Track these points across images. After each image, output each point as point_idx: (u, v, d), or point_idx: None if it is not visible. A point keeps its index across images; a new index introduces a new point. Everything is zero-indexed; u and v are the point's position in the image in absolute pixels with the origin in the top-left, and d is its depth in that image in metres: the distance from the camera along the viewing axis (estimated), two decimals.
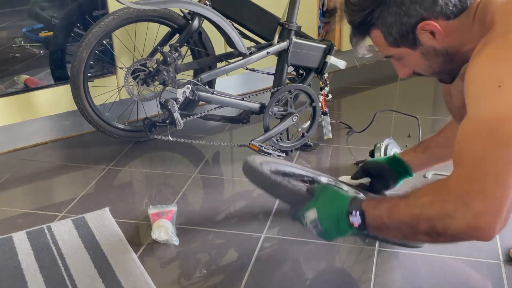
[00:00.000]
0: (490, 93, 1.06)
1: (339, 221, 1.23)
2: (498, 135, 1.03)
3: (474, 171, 1.05)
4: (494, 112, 1.05)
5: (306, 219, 1.28)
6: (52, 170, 2.18)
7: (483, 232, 1.04)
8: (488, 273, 1.51)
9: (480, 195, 1.03)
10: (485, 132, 1.05)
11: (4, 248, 1.65)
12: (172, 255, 1.63)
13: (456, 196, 1.05)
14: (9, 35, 2.34)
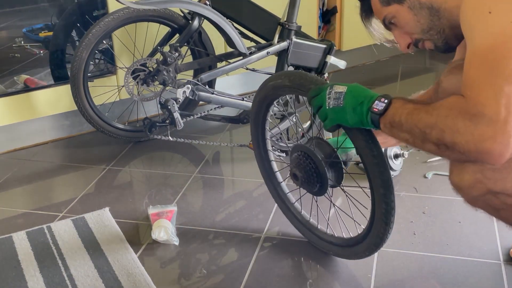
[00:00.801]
0: (481, 20, 1.08)
1: (362, 103, 1.24)
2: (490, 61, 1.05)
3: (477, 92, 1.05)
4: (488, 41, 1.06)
5: (333, 89, 1.29)
6: (52, 170, 2.18)
7: (491, 156, 1.04)
8: (488, 273, 1.51)
9: (484, 118, 1.03)
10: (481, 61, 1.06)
11: (4, 248, 1.65)
12: (172, 255, 1.63)
13: (465, 113, 1.06)
14: (9, 35, 2.34)
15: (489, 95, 1.04)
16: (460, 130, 1.06)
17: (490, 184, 1.13)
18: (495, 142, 1.03)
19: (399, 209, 1.82)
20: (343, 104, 1.27)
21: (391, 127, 1.20)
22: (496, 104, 1.03)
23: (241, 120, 2.27)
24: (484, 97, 1.04)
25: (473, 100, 1.06)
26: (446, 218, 1.76)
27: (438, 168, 2.04)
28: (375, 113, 1.21)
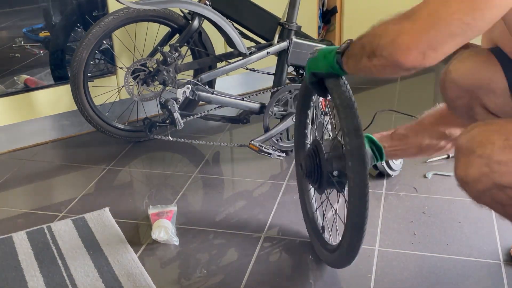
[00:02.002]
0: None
1: (331, 51, 1.31)
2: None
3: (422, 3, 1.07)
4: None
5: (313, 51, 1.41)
6: (52, 170, 2.18)
7: (398, 50, 1.05)
8: (488, 273, 1.51)
9: (413, 16, 1.05)
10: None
11: (4, 248, 1.65)
12: (172, 255, 1.63)
13: (397, 19, 1.09)
14: (9, 35, 2.34)
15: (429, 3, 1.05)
16: (386, 31, 1.09)
17: (496, 178, 1.11)
18: (407, 35, 1.04)
19: (399, 209, 1.82)
20: (317, 54, 1.36)
21: (347, 59, 1.25)
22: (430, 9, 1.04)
23: (241, 120, 2.27)
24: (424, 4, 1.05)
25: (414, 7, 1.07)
26: (446, 218, 1.76)
27: (438, 168, 2.05)
28: (338, 52, 1.27)
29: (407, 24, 1.05)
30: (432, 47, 1.04)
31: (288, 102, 2.18)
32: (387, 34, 1.08)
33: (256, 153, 2.08)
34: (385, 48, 1.08)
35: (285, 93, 2.17)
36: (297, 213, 1.79)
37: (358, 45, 1.20)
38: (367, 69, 1.17)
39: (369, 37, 1.15)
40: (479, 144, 1.13)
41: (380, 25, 1.14)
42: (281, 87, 2.19)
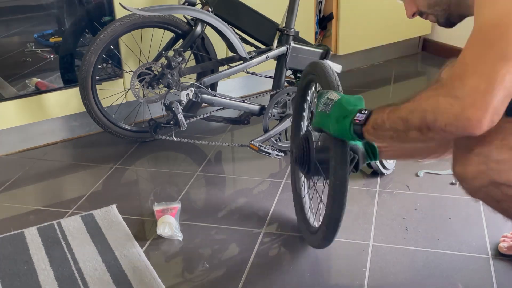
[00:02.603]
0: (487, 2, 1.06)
1: (346, 117, 1.25)
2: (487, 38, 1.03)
3: (465, 70, 1.04)
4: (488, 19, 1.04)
5: (327, 95, 1.32)
6: (62, 169, 2.18)
7: (470, 123, 1.02)
8: (477, 267, 1.51)
9: (466, 88, 1.02)
10: (478, 38, 1.05)
11: (16, 243, 1.65)
12: (176, 249, 1.63)
13: (447, 90, 1.05)
14: (21, 40, 2.34)
15: (476, 66, 1.03)
16: (441, 105, 1.05)
17: (493, 175, 1.12)
18: (474, 108, 1.01)
19: (392, 206, 1.82)
20: (329, 111, 1.29)
21: (374, 130, 1.20)
22: (484, 75, 1.01)
23: (242, 121, 2.27)
24: (470, 68, 1.03)
25: (458, 72, 1.05)
26: (437, 214, 1.76)
27: (429, 167, 2.04)
28: (357, 124, 1.22)
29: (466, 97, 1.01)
30: (497, 112, 1.02)
31: (287, 104, 2.18)
32: (445, 111, 1.04)
33: (256, 152, 2.08)
34: (450, 124, 1.04)
35: (283, 96, 2.17)
36: (295, 210, 1.79)
37: (391, 121, 1.15)
38: (416, 141, 1.13)
39: (413, 112, 1.10)
40: (477, 142, 1.13)
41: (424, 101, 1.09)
42: (280, 89, 2.19)
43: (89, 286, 1.46)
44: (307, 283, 1.48)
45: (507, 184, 1.12)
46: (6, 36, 2.30)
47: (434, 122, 1.06)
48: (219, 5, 2.19)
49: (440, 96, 1.06)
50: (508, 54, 1.01)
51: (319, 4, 2.95)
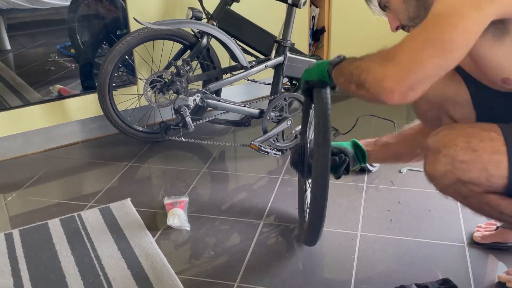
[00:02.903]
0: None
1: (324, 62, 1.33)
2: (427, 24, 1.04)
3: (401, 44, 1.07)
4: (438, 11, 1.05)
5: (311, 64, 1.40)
6: (82, 166, 2.18)
7: (383, 91, 1.05)
8: (454, 254, 1.51)
9: (393, 61, 1.05)
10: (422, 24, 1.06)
11: (41, 233, 1.65)
12: (184, 239, 1.63)
13: (382, 58, 1.08)
14: (45, 51, 2.34)
15: (409, 46, 1.04)
16: (373, 69, 1.08)
17: (459, 174, 1.13)
18: (390, 80, 1.03)
19: (378, 200, 1.82)
20: (311, 66, 1.37)
21: (336, 73, 1.25)
22: (409, 54, 1.03)
23: (243, 123, 2.27)
24: (403, 48, 1.05)
25: (396, 46, 1.07)
26: (418, 207, 1.76)
27: (411, 164, 2.05)
28: (331, 64, 1.28)
29: (390, 68, 1.04)
30: (412, 88, 1.03)
31: (284, 108, 2.18)
32: (373, 74, 1.07)
33: (256, 152, 2.08)
34: (372, 87, 1.08)
35: (281, 101, 2.17)
36: (291, 203, 1.79)
37: (347, 69, 1.19)
38: (355, 94, 1.16)
39: (358, 68, 1.14)
40: (444, 145, 1.14)
41: (368, 60, 1.13)
42: (277, 95, 2.19)
43: (106, 271, 1.46)
44: (301, 269, 1.48)
45: (472, 182, 1.13)
46: (32, 47, 2.30)
47: (364, 82, 1.10)
48: (223, 20, 2.20)
49: (377, 61, 1.09)
50: (437, 40, 1.01)
51: (313, 18, 2.95)
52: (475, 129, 1.14)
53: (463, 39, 1.01)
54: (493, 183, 1.12)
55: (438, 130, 1.19)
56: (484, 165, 1.10)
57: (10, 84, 2.24)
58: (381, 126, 2.45)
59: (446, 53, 1.01)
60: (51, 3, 2.24)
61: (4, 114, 2.15)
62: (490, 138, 1.11)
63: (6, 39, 2.22)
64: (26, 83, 2.27)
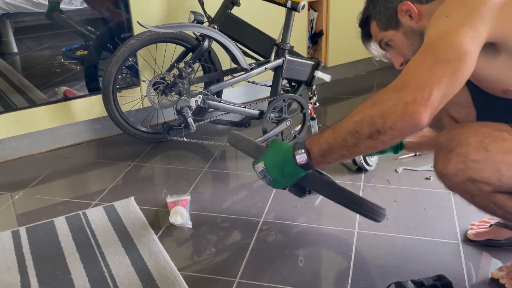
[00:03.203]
0: (438, 21, 1.07)
1: (283, 168, 1.19)
2: (429, 47, 1.04)
3: (407, 73, 1.03)
4: (436, 34, 1.05)
5: (256, 171, 1.24)
6: (87, 166, 2.18)
7: (414, 117, 0.99)
8: (449, 251, 1.51)
9: (408, 88, 1.00)
10: (421, 50, 1.05)
11: (47, 231, 1.65)
12: (186, 236, 1.63)
13: (391, 93, 1.03)
14: (51, 53, 2.34)
15: (417, 70, 1.02)
16: (388, 106, 1.02)
17: (471, 173, 1.12)
18: (416, 103, 0.99)
19: (375, 198, 1.82)
20: (272, 177, 1.23)
21: (323, 157, 1.14)
22: (421, 78, 1.00)
23: (244, 124, 2.28)
24: (413, 75, 1.02)
25: (401, 77, 1.03)
26: (413, 205, 1.77)
27: (407, 164, 2.05)
28: (305, 165, 1.17)
29: (408, 95, 0.99)
30: (435, 108, 1.01)
31: (283, 109, 2.19)
32: (392, 110, 1.01)
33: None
34: (398, 121, 1.00)
35: (280, 102, 2.17)
36: (290, 201, 1.79)
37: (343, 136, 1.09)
38: (369, 149, 1.07)
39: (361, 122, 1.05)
40: (457, 144, 1.13)
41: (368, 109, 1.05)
42: (276, 96, 2.19)
43: (111, 268, 1.46)
44: (300, 265, 1.48)
45: (482, 181, 1.12)
46: (38, 50, 2.30)
47: (384, 124, 1.02)
48: (224, 23, 2.20)
49: (385, 99, 1.03)
50: (446, 59, 1.00)
51: (311, 22, 2.95)
52: (488, 128, 1.13)
53: (467, 55, 1.01)
54: (503, 183, 1.12)
55: (450, 128, 1.18)
56: (496, 165, 1.10)
57: (17, 86, 2.24)
58: None
59: (456, 71, 1.01)
60: None
61: (11, 115, 2.15)
62: (503, 138, 1.11)
63: (13, 42, 2.22)
64: (33, 85, 2.27)
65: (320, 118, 2.58)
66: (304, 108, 2.22)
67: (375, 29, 1.30)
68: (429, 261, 1.47)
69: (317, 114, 2.44)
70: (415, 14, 1.20)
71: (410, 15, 1.21)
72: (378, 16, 1.27)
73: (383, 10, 1.25)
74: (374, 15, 1.28)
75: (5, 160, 2.22)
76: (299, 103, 2.21)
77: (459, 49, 1.00)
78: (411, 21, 1.22)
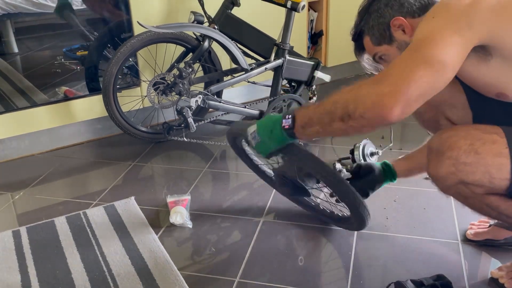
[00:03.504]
0: (424, 23, 1.08)
1: (272, 130, 1.24)
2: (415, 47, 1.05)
3: (390, 68, 1.05)
4: (421, 35, 1.06)
5: (248, 133, 1.29)
6: (87, 166, 2.18)
7: (383, 110, 1.01)
8: (448, 250, 1.51)
9: (386, 81, 1.02)
10: (407, 49, 1.06)
11: (48, 230, 1.65)
12: (186, 236, 1.63)
13: (369, 82, 1.05)
14: (51, 54, 2.34)
15: (399, 67, 1.03)
16: (362, 94, 1.04)
17: (462, 176, 1.12)
18: (388, 96, 1.00)
19: (374, 198, 1.81)
20: (260, 138, 1.27)
21: (303, 128, 1.19)
22: (401, 74, 1.01)
23: None
24: (394, 70, 1.03)
25: (384, 71, 1.05)
26: (413, 205, 1.77)
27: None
28: (288, 129, 1.21)
29: (384, 88, 1.01)
30: (408, 105, 1.01)
31: (283, 109, 2.18)
32: (366, 97, 1.03)
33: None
34: (367, 110, 1.03)
35: (280, 102, 2.17)
36: (290, 201, 1.79)
37: (318, 113, 1.14)
38: (340, 131, 1.11)
39: (338, 103, 1.09)
40: (448, 147, 1.13)
41: (350, 91, 1.08)
42: (276, 96, 2.19)
43: (111, 267, 1.46)
44: (300, 265, 1.48)
45: (474, 183, 1.13)
46: (39, 50, 2.30)
47: (355, 110, 1.05)
48: (224, 23, 2.20)
49: (362, 87, 1.05)
50: (429, 59, 1.01)
51: (311, 22, 2.95)
52: (478, 131, 1.14)
53: (450, 59, 1.02)
54: (495, 185, 1.12)
55: (441, 131, 1.19)
56: (486, 167, 1.10)
57: (17, 86, 2.24)
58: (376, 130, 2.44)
59: (436, 72, 1.02)
60: None
61: (12, 115, 2.15)
62: (492, 140, 1.11)
63: (14, 42, 2.22)
64: (33, 85, 2.27)
65: None
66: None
67: (368, 44, 1.30)
68: (428, 261, 1.47)
69: None
70: (408, 28, 1.21)
71: (403, 30, 1.22)
72: (371, 31, 1.27)
73: (376, 26, 1.26)
74: (367, 30, 1.28)
75: (5, 160, 2.22)
76: (299, 103, 2.21)
77: (442, 53, 1.02)
78: (404, 35, 1.23)
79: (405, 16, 1.22)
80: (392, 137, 2.29)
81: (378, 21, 1.25)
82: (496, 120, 1.16)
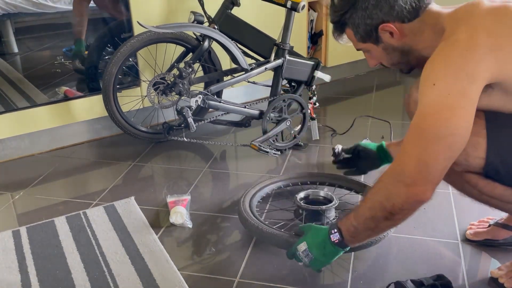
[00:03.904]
0: (425, 90, 1.09)
1: (325, 246, 1.25)
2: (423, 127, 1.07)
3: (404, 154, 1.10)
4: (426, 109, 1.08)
5: (299, 250, 1.30)
6: (87, 166, 2.18)
7: (418, 198, 1.08)
8: (448, 250, 1.51)
9: (408, 176, 1.07)
10: (413, 129, 1.09)
11: (48, 230, 1.65)
12: (186, 236, 1.63)
13: (392, 178, 1.11)
14: (51, 54, 2.34)
15: (413, 153, 1.07)
16: (391, 192, 1.10)
17: None
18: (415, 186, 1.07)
19: None
20: (314, 256, 1.28)
21: (353, 238, 1.22)
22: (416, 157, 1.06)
23: (244, 124, 2.28)
24: (411, 157, 1.07)
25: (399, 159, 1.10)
26: None
27: None
28: (338, 244, 1.23)
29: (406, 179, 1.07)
30: (436, 182, 1.08)
31: (283, 109, 2.18)
32: (396, 197, 1.09)
33: (256, 151, 2.08)
34: (405, 203, 1.09)
35: (280, 102, 2.17)
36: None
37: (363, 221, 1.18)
38: (390, 227, 1.20)
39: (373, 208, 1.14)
40: None
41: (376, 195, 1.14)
42: (276, 96, 2.19)
43: (111, 267, 1.46)
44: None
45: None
46: (39, 50, 2.30)
47: (393, 207, 1.10)
48: (224, 23, 2.20)
49: (388, 185, 1.11)
50: (441, 136, 1.04)
51: (311, 22, 2.95)
52: None
53: (462, 127, 1.05)
54: (470, 163, 1.16)
55: None
56: None
57: (17, 86, 2.24)
58: (378, 126, 2.45)
59: (451, 145, 1.05)
60: (57, 8, 2.25)
61: (12, 115, 2.15)
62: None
63: (14, 42, 2.22)
64: (33, 85, 2.27)
65: (320, 118, 2.58)
66: (304, 108, 2.22)
67: (352, 37, 1.27)
68: (428, 261, 1.47)
69: (317, 114, 2.44)
70: (397, 34, 1.19)
71: (391, 33, 1.20)
72: (356, 28, 1.22)
73: (362, 25, 1.21)
74: (352, 25, 1.23)
75: (5, 160, 2.22)
76: (299, 103, 2.21)
77: (451, 124, 1.04)
78: (392, 39, 1.21)
79: (394, 20, 1.18)
80: (392, 137, 2.29)
81: (365, 22, 1.20)
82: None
